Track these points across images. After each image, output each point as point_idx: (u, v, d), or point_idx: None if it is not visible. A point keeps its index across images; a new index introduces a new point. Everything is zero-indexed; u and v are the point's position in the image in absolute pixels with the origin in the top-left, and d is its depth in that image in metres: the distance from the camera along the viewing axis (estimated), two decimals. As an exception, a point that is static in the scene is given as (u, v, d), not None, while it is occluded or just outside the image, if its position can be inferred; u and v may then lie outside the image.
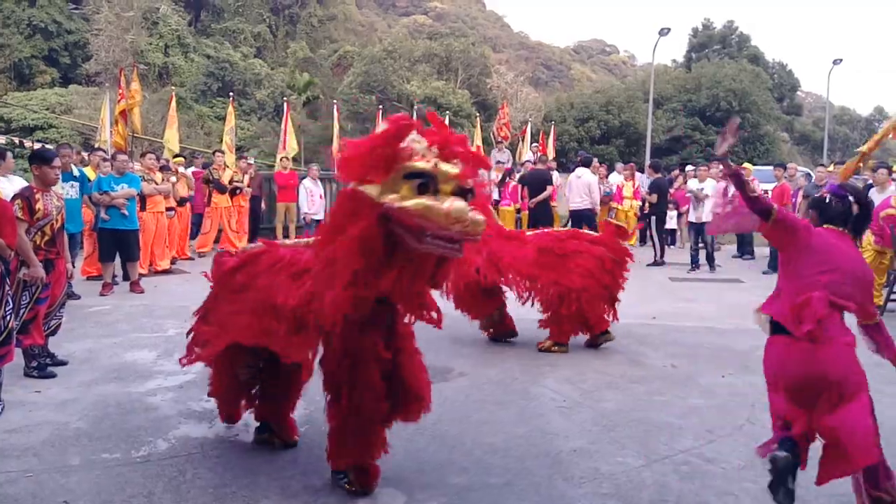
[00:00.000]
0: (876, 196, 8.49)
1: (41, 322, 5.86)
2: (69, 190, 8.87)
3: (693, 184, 12.64)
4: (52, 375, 5.85)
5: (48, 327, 6.05)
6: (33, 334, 5.79)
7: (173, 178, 11.90)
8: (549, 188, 13.23)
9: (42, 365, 5.91)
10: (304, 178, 14.83)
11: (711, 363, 6.55)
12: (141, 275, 10.10)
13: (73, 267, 6.99)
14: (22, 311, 5.71)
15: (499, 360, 6.56)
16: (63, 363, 6.14)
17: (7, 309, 5.02)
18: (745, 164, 15.28)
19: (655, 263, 13.12)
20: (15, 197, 5.80)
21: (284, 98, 23.30)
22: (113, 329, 7.56)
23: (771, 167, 15.02)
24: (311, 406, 5.22)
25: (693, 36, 42.21)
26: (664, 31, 24.61)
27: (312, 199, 14.25)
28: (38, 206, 5.79)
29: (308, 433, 4.71)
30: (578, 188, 12.81)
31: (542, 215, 12.71)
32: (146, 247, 10.71)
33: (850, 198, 3.61)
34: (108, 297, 9.22)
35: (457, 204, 3.16)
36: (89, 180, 9.95)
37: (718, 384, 5.92)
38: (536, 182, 13.39)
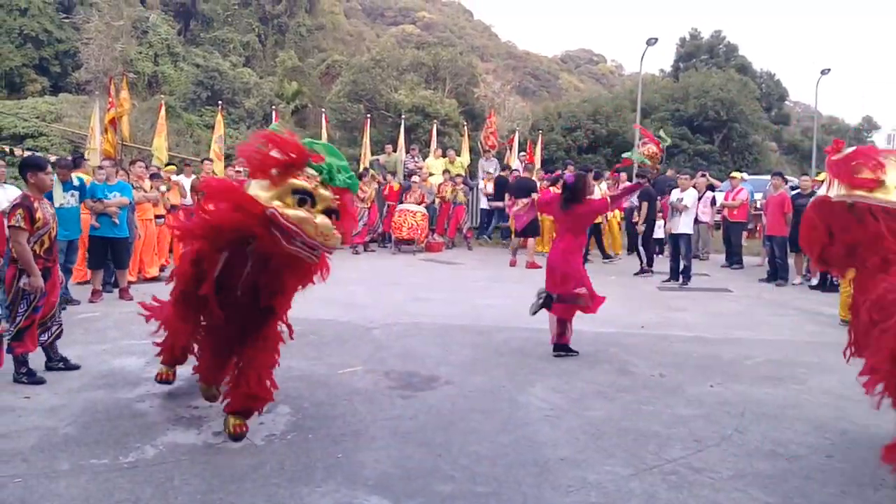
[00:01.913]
0: None
1: (35, 329, 5.86)
2: (69, 199, 8.86)
3: (675, 194, 12.66)
4: (42, 381, 5.83)
5: (51, 333, 6.04)
6: (26, 342, 5.78)
7: (163, 188, 11.89)
8: (534, 195, 13.14)
9: (32, 371, 5.89)
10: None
11: (699, 372, 6.59)
12: (130, 282, 10.07)
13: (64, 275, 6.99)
14: (19, 320, 5.72)
15: (485, 368, 6.58)
16: (76, 367, 6.14)
17: (-4, 315, 5.01)
18: (734, 174, 15.41)
19: (643, 272, 13.15)
20: (16, 206, 5.75)
21: (273, 107, 23.34)
22: (102, 335, 7.55)
23: (765, 176, 15.10)
24: (298, 413, 5.24)
25: (680, 45, 42.38)
26: (652, 41, 24.75)
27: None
28: (38, 214, 5.78)
29: (295, 440, 4.73)
30: None
31: (528, 224, 12.68)
32: (135, 254, 10.68)
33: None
34: (97, 304, 9.20)
35: (324, 220, 4.18)
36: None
37: (706, 393, 5.96)
38: (522, 190, 13.64)
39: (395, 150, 19.32)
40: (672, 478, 4.26)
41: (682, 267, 12.09)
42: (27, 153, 14.53)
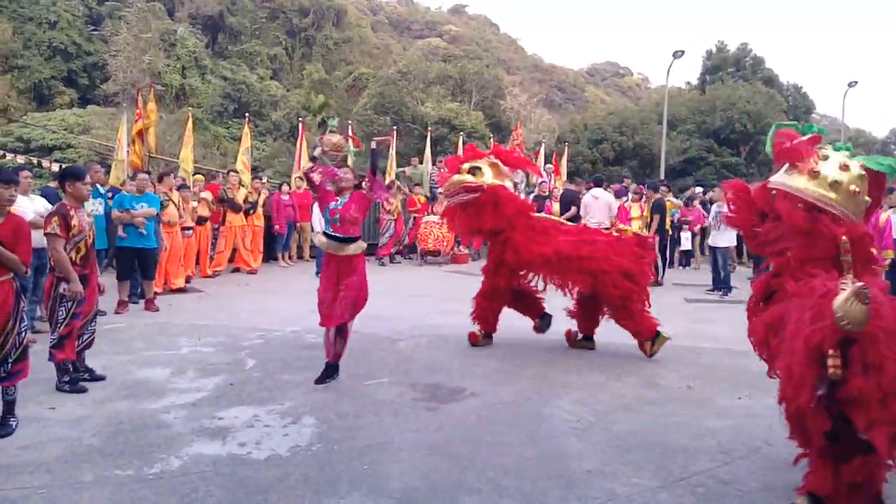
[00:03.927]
0: None
1: (75, 337, 5.91)
2: (97, 206, 8.96)
3: (716, 208, 12.70)
4: (84, 390, 5.88)
5: (82, 341, 6.09)
6: (66, 349, 5.84)
7: (194, 203, 11.98)
8: (574, 208, 14.08)
9: (74, 380, 5.95)
10: (318, 197, 14.88)
11: (728, 384, 6.49)
12: (156, 293, 10.13)
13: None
14: (58, 326, 5.79)
15: (511, 381, 6.52)
16: (101, 378, 6.16)
17: (23, 325, 5.05)
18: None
19: (655, 283, 13.03)
20: (52, 214, 5.87)
21: (300, 119, 23.46)
22: (127, 346, 7.58)
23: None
24: (323, 424, 5.21)
25: (707, 58, 42.16)
26: (678, 54, 24.68)
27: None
28: (74, 222, 5.86)
29: (320, 452, 4.70)
30: (599, 208, 13.07)
31: None
32: (161, 265, 10.75)
33: None
34: (123, 315, 9.26)
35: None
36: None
37: (735, 406, 5.86)
38: (566, 201, 14.42)
39: (421, 163, 19.34)
40: (700, 490, 4.18)
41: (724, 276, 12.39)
42: (55, 165, 14.75)
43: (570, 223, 9.11)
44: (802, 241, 4.23)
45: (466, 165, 7.55)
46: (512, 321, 8.46)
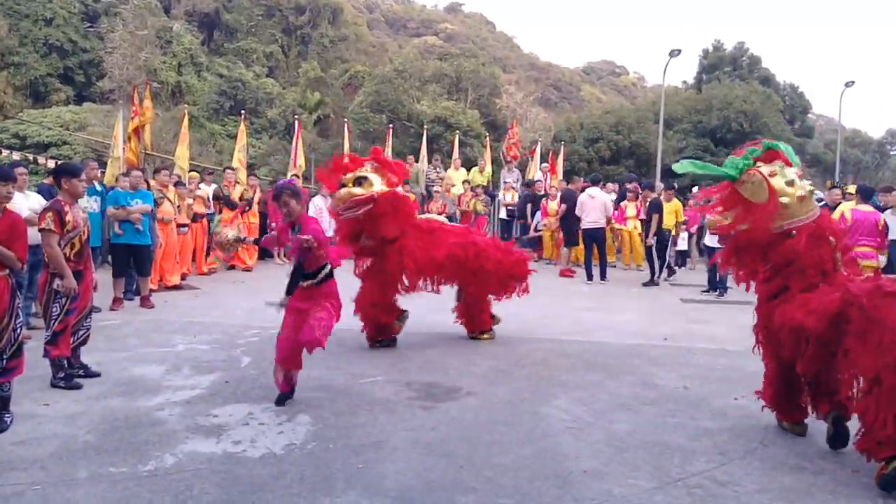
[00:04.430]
0: None
1: (69, 334, 5.89)
2: (91, 204, 8.95)
3: None
4: (79, 386, 5.89)
5: (77, 338, 6.08)
6: (61, 345, 5.85)
7: (189, 200, 11.94)
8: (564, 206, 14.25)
9: (69, 376, 5.95)
10: (315, 195, 14.85)
11: (723, 385, 6.49)
12: (151, 290, 10.11)
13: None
14: (52, 322, 5.78)
15: (507, 380, 6.51)
16: (96, 374, 6.15)
17: (17, 321, 5.03)
18: None
19: (652, 283, 13.03)
20: (46, 210, 5.88)
21: (295, 116, 23.46)
22: (122, 343, 7.55)
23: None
24: (319, 423, 5.20)
25: (703, 57, 42.19)
26: (675, 53, 24.68)
27: (321, 216, 14.18)
28: (68, 217, 5.86)
29: (315, 450, 4.68)
30: (595, 207, 13.10)
31: (569, 232, 14.25)
32: (156, 262, 10.72)
33: None
34: (118, 312, 9.23)
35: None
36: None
37: (731, 406, 5.86)
38: (566, 199, 14.45)
39: (416, 161, 19.32)
40: (697, 491, 4.16)
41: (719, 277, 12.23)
42: (51, 162, 14.70)
43: (453, 223, 9.33)
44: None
45: (350, 176, 7.10)
46: (505, 320, 8.46)
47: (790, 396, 5.12)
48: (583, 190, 14.16)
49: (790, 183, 4.82)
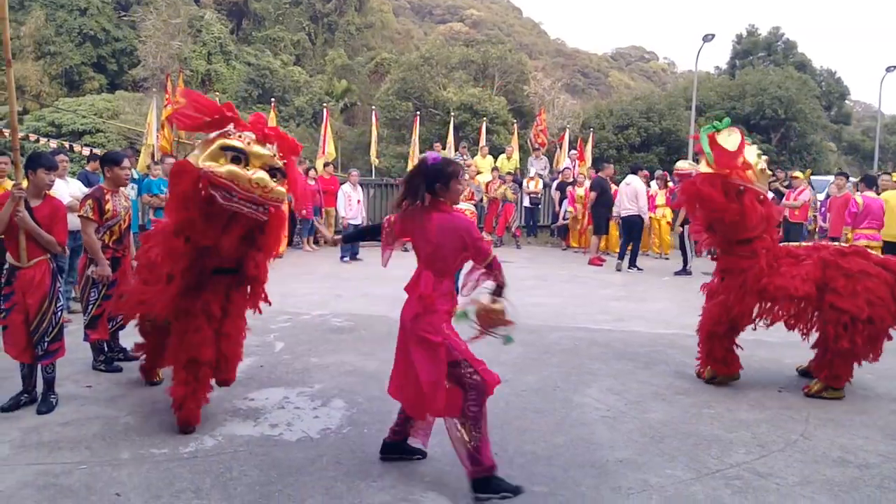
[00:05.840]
0: None
1: (107, 318, 5.98)
2: (130, 191, 9.06)
3: None
4: (119, 370, 6.02)
5: (115, 322, 6.14)
6: (99, 329, 5.95)
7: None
8: (593, 194, 14.19)
9: (109, 359, 6.08)
10: (343, 183, 14.88)
11: (760, 376, 6.42)
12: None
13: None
14: (90, 308, 5.89)
15: (538, 368, 6.49)
16: (135, 358, 6.15)
17: (59, 305, 5.12)
18: (797, 174, 14.92)
19: (684, 272, 12.90)
20: (87, 197, 5.96)
21: (323, 104, 23.50)
22: (158, 329, 7.64)
23: (823, 177, 14.75)
24: (353, 408, 5.24)
25: (737, 42, 41.59)
26: (708, 38, 24.28)
27: (350, 204, 14.22)
28: (108, 206, 5.93)
29: (350, 434, 4.72)
30: (628, 195, 13.07)
31: (599, 220, 14.29)
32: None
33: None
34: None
35: (260, 174, 4.19)
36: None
37: (769, 397, 5.80)
38: (596, 187, 14.36)
39: (444, 148, 19.29)
40: (736, 483, 4.14)
41: None
42: (86, 150, 14.88)
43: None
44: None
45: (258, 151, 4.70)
46: (533, 308, 8.42)
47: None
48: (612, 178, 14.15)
49: (758, 155, 5.87)
